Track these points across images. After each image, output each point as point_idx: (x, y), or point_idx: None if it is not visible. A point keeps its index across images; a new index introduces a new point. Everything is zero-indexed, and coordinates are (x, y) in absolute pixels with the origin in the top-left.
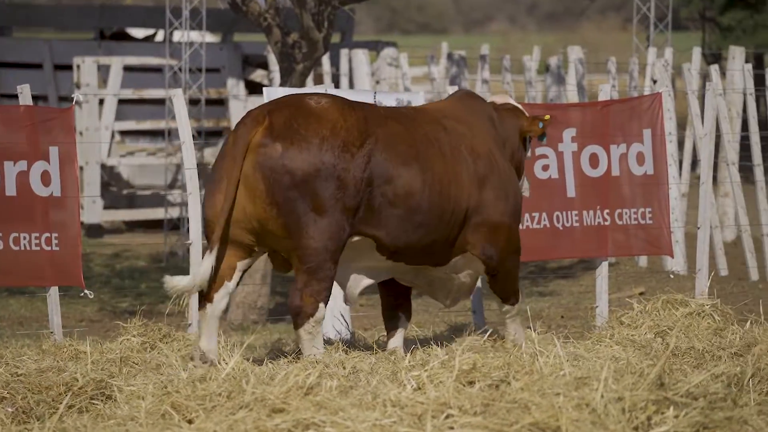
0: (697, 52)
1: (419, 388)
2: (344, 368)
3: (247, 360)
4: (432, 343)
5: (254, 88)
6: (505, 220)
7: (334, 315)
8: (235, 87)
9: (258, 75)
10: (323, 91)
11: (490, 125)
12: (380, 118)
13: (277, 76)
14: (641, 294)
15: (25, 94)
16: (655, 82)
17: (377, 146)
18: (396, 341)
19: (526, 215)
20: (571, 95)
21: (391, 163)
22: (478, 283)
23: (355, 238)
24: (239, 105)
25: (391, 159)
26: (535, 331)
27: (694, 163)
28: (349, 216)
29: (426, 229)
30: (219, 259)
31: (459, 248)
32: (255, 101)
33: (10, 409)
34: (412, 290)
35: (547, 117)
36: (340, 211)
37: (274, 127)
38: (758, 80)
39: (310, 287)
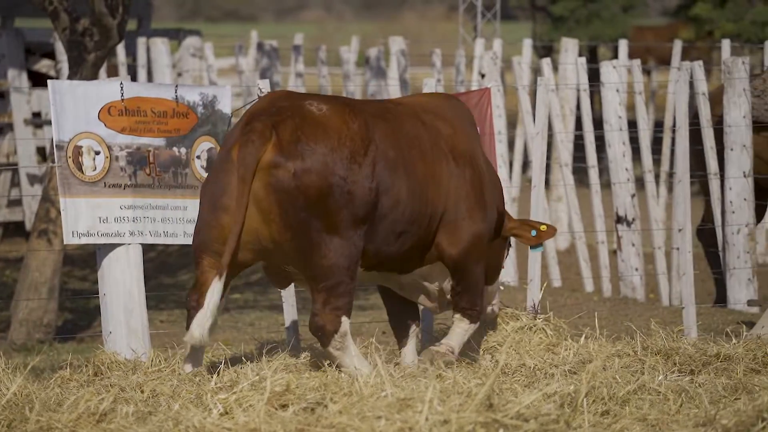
0: (527, 45)
1: (226, 413)
2: (142, 392)
3: (32, 384)
4: (242, 362)
5: (39, 80)
6: (478, 226)
7: (132, 332)
8: (16, 78)
9: (43, 65)
10: (118, 85)
11: (472, 128)
12: (374, 120)
13: (65, 66)
14: None
15: None
16: (483, 76)
17: (378, 153)
18: (409, 352)
19: None
20: (393, 90)
21: (389, 170)
22: (291, 297)
23: None
24: (22, 98)
25: (388, 165)
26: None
27: (526, 164)
28: (361, 229)
29: (406, 236)
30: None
31: (431, 257)
32: (39, 94)
33: None
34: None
35: (544, 228)
36: (353, 226)
37: (283, 143)
38: (593, 75)
39: (330, 304)
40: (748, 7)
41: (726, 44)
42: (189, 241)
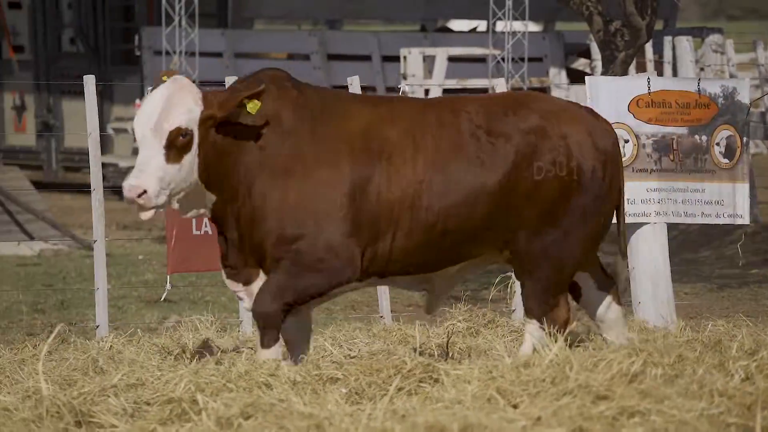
0: None
1: (747, 379)
2: (668, 357)
3: (569, 347)
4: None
5: (576, 77)
6: None
7: (659, 302)
8: (557, 76)
9: (580, 64)
10: (645, 80)
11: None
12: None
13: (599, 64)
14: None
15: (354, 85)
16: None
17: None
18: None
19: None
20: None
21: None
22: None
23: None
24: (561, 94)
25: None
26: None
27: None
28: None
29: None
30: None
31: None
32: (577, 90)
33: (344, 390)
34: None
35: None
36: None
37: None
38: None
39: None
40: None
41: None
42: (707, 220)
